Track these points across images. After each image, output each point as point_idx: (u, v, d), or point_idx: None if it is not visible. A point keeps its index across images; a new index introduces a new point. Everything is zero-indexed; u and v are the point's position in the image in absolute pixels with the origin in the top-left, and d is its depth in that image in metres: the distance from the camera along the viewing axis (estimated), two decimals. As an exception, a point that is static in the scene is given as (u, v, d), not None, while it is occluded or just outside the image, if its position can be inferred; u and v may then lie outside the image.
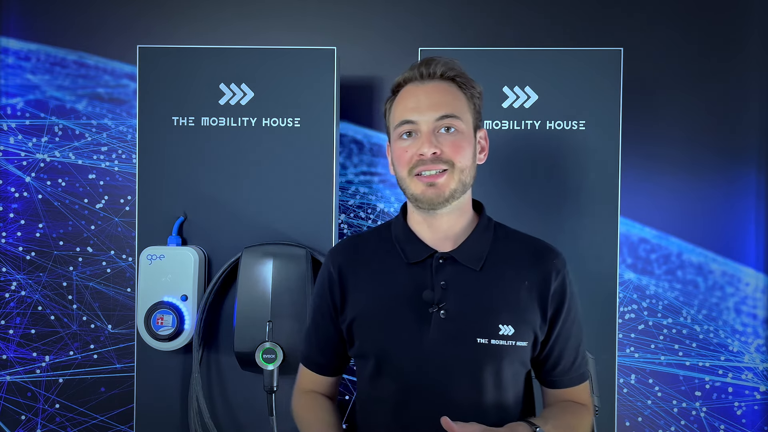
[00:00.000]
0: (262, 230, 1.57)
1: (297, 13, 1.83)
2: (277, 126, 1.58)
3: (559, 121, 1.56)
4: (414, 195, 1.03)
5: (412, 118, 1.02)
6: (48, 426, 1.83)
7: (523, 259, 1.08)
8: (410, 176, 1.03)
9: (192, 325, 1.54)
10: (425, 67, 1.04)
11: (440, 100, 1.03)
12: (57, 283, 1.83)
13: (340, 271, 1.10)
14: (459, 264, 1.05)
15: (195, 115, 1.58)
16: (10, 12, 1.84)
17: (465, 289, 1.03)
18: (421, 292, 1.03)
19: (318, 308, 1.14)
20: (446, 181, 1.01)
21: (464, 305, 1.02)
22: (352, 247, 1.14)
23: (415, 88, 1.05)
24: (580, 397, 1.11)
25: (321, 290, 1.13)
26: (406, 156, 1.03)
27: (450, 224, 1.07)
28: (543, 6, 1.81)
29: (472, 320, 1.02)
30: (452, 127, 1.02)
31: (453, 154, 1.01)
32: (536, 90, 1.56)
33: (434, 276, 1.04)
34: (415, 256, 1.06)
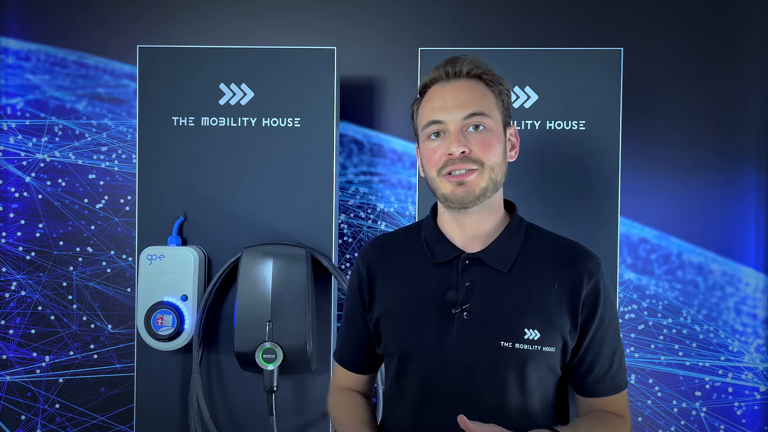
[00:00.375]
0: (262, 230, 1.57)
1: (297, 13, 1.83)
2: (277, 126, 1.58)
3: (559, 121, 1.56)
4: (444, 194, 1.02)
5: (440, 117, 1.01)
6: (48, 426, 1.83)
7: (554, 262, 1.05)
8: (440, 176, 1.02)
9: (192, 325, 1.54)
10: (451, 66, 1.03)
11: (467, 98, 1.01)
12: (57, 283, 1.83)
13: (369, 269, 1.11)
14: (486, 265, 1.03)
15: (195, 115, 1.58)
16: (10, 12, 1.84)
17: (490, 291, 1.01)
18: (446, 292, 1.02)
19: (349, 306, 1.16)
20: (476, 180, 1.00)
21: (489, 307, 1.00)
22: (382, 245, 1.15)
23: (441, 88, 1.04)
24: (615, 407, 1.06)
25: (352, 289, 1.15)
26: (435, 156, 1.02)
27: (480, 223, 1.05)
28: (543, 6, 1.81)
29: (496, 323, 1.00)
30: (480, 125, 1.01)
31: (482, 153, 1.00)
32: (536, 90, 1.56)
33: (459, 277, 1.03)
34: (442, 257, 1.05)
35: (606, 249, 1.55)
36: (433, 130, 1.03)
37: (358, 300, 1.13)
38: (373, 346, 1.13)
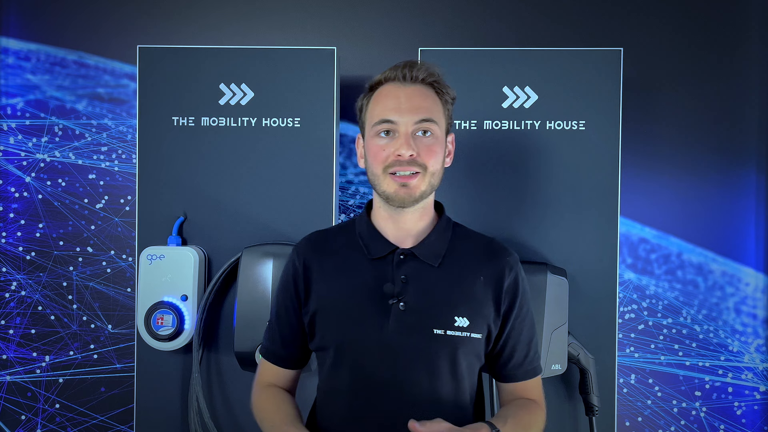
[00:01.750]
0: (262, 230, 1.57)
1: (297, 13, 1.83)
2: (277, 126, 1.58)
3: (559, 121, 1.56)
4: (386, 192, 1.07)
5: (393, 118, 1.06)
6: (48, 426, 1.83)
7: (478, 257, 1.13)
8: (384, 174, 1.07)
9: (192, 325, 1.54)
10: (408, 70, 1.08)
11: (420, 104, 1.07)
12: (57, 283, 1.83)
13: (305, 264, 1.14)
14: (419, 260, 1.10)
15: (195, 115, 1.58)
16: (10, 12, 1.84)
17: (424, 284, 1.08)
18: (382, 285, 1.08)
19: (282, 301, 1.17)
20: (418, 183, 1.06)
21: (422, 298, 1.07)
22: (318, 241, 1.18)
23: (396, 89, 1.08)
24: (532, 392, 1.16)
25: (286, 283, 1.16)
26: (382, 154, 1.07)
27: (414, 222, 1.12)
28: (543, 6, 1.81)
29: (429, 312, 1.07)
30: (428, 130, 1.07)
31: (427, 158, 1.06)
32: (536, 90, 1.56)
33: (395, 270, 1.09)
34: (377, 252, 1.11)
35: (606, 249, 1.55)
36: (384, 128, 1.07)
37: (293, 294, 1.14)
38: (305, 341, 1.16)
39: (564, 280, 1.49)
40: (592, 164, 1.56)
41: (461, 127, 1.57)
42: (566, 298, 1.49)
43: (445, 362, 1.07)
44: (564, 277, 1.50)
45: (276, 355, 1.18)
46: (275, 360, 1.18)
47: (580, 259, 1.55)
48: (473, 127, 1.57)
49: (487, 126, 1.58)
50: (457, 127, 1.57)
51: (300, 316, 1.15)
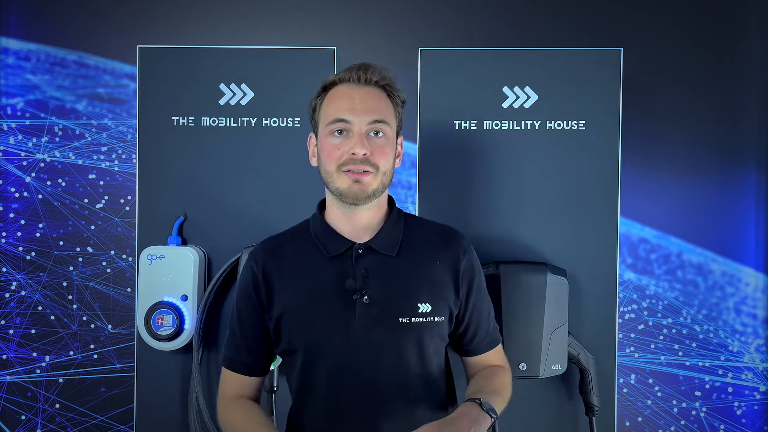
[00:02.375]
0: (262, 230, 1.57)
1: (297, 13, 1.83)
2: (277, 126, 1.58)
3: (559, 121, 1.56)
4: (339, 189, 1.10)
5: (347, 117, 1.09)
6: (48, 426, 1.83)
7: (433, 243, 1.18)
8: (338, 171, 1.10)
9: (192, 325, 1.54)
10: (363, 72, 1.11)
11: (374, 105, 1.10)
12: (57, 283, 1.83)
13: (264, 270, 1.15)
14: (377, 252, 1.14)
15: (195, 115, 1.58)
16: (10, 12, 1.84)
17: (384, 275, 1.12)
18: (344, 282, 1.11)
19: (244, 309, 1.17)
20: (370, 181, 1.10)
21: (385, 290, 1.11)
22: (273, 247, 1.20)
23: (350, 90, 1.11)
24: (495, 359, 1.24)
25: (246, 291, 1.17)
26: (337, 153, 1.10)
27: (369, 218, 1.15)
28: (543, 6, 1.81)
29: (393, 303, 1.11)
30: (381, 131, 1.11)
31: (379, 158, 1.10)
32: (536, 90, 1.56)
33: (355, 265, 1.12)
34: (335, 249, 1.14)
35: (606, 249, 1.55)
36: (338, 127, 1.10)
37: (255, 302, 1.15)
38: (269, 346, 1.18)
39: (564, 280, 1.50)
40: (592, 164, 1.56)
41: (461, 127, 1.57)
42: (566, 298, 1.49)
43: (413, 349, 1.12)
44: (564, 277, 1.50)
45: (241, 364, 1.18)
46: (241, 369, 1.18)
47: (580, 259, 1.55)
48: (473, 127, 1.57)
49: (487, 126, 1.58)
50: (457, 127, 1.57)
51: (264, 321, 1.16)
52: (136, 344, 1.58)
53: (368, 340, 1.09)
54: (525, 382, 1.54)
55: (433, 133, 1.56)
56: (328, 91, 1.15)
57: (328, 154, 1.11)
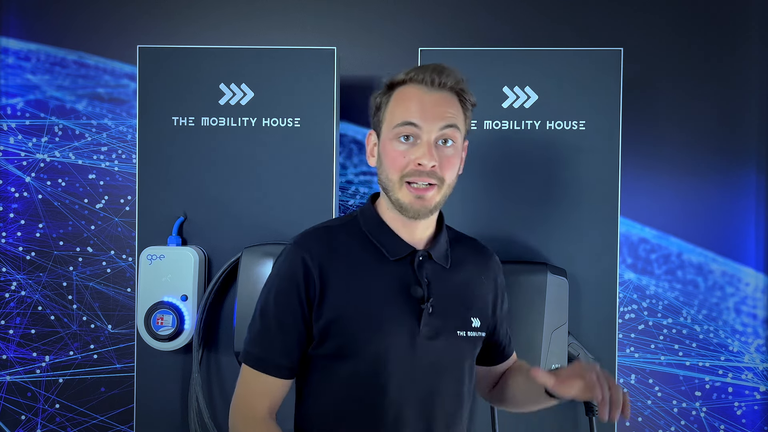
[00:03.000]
0: (262, 230, 1.57)
1: (297, 13, 1.83)
2: (277, 126, 1.58)
3: (559, 121, 1.56)
4: (400, 201, 1.03)
5: (417, 122, 1.01)
6: (48, 426, 1.83)
7: (475, 258, 1.16)
8: (401, 182, 1.02)
9: (192, 325, 1.54)
10: (437, 76, 1.03)
11: (446, 111, 1.03)
12: (57, 283, 1.83)
13: (319, 263, 1.04)
14: (433, 262, 1.09)
15: (195, 115, 1.58)
16: (10, 12, 1.84)
17: (443, 286, 1.08)
18: (405, 288, 1.04)
19: (287, 304, 1.04)
20: (434, 195, 1.03)
21: (445, 300, 1.06)
22: (325, 240, 1.08)
23: (421, 93, 1.03)
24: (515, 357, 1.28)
25: (292, 282, 1.04)
26: (402, 161, 1.02)
27: (424, 229, 1.09)
28: (543, 6, 1.81)
29: (452, 315, 1.07)
30: (450, 139, 1.03)
31: (445, 171, 1.03)
32: (536, 90, 1.56)
33: (417, 272, 1.06)
34: (397, 253, 1.06)
35: (606, 249, 1.55)
36: (406, 131, 1.02)
37: (303, 296, 1.03)
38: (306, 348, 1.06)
39: (564, 280, 1.49)
40: (592, 164, 1.56)
41: (461, 127, 1.58)
42: (566, 298, 1.49)
43: (467, 363, 1.09)
44: (564, 277, 1.50)
45: (275, 365, 1.04)
46: (274, 371, 1.04)
47: (580, 259, 1.55)
48: (473, 127, 1.57)
49: (487, 126, 1.58)
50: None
51: (309, 321, 1.04)
52: (136, 344, 1.58)
53: (431, 352, 1.04)
54: (525, 382, 1.54)
55: (433, 133, 1.56)
56: (394, 89, 1.06)
57: (393, 161, 1.03)
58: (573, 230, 1.56)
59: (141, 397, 1.59)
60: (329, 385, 1.05)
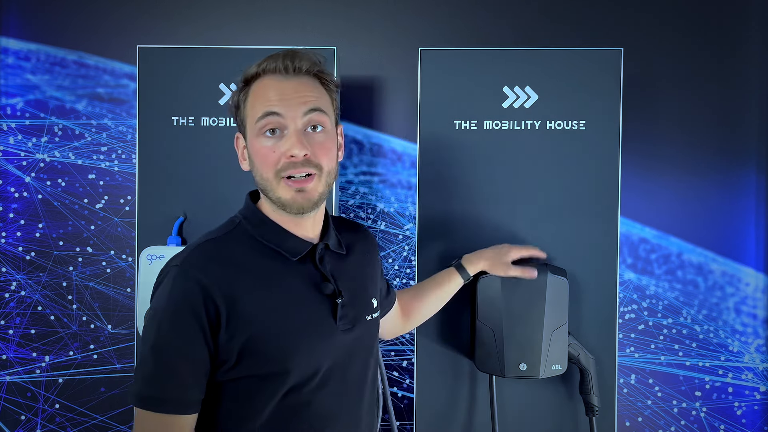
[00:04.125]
0: (262, 230, 1.57)
1: (297, 12, 1.83)
2: (277, 126, 1.58)
3: (559, 121, 1.56)
4: (281, 199, 0.98)
5: (278, 110, 0.95)
6: (48, 426, 1.83)
7: (355, 237, 1.16)
8: (277, 179, 0.97)
9: (192, 325, 1.54)
10: (290, 61, 0.98)
11: (308, 95, 0.98)
12: (57, 283, 1.83)
13: (218, 282, 0.94)
14: (331, 252, 1.07)
15: (195, 115, 1.58)
16: (10, 12, 1.84)
17: (345, 275, 1.07)
18: (315, 287, 1.01)
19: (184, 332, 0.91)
20: (315, 186, 0.98)
21: (350, 289, 1.06)
22: (215, 254, 0.98)
23: (278, 83, 0.98)
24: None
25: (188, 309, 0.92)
26: (273, 156, 0.96)
27: (316, 223, 1.06)
28: (543, 6, 1.81)
29: (359, 302, 1.07)
30: (319, 124, 0.98)
31: (321, 157, 0.98)
32: (536, 90, 1.56)
33: (321, 267, 1.03)
34: (297, 252, 1.01)
35: (606, 249, 1.55)
36: (270, 123, 0.96)
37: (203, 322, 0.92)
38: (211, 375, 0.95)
39: (564, 280, 1.49)
40: (592, 164, 1.56)
41: (461, 127, 1.57)
42: (566, 298, 1.49)
43: (375, 344, 1.12)
44: (564, 277, 1.50)
45: (185, 402, 0.92)
46: (183, 408, 0.92)
47: (580, 259, 1.55)
48: (473, 127, 1.57)
49: (487, 126, 1.58)
50: (457, 127, 1.57)
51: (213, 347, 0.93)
52: (136, 344, 1.58)
53: (349, 344, 1.03)
54: (525, 382, 1.54)
55: (433, 133, 1.56)
56: (250, 84, 1.00)
57: (263, 159, 0.97)
58: (573, 230, 1.56)
59: (141, 397, 1.59)
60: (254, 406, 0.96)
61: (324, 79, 1.02)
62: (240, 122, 1.04)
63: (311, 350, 0.98)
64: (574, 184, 1.55)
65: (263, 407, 0.96)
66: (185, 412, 0.93)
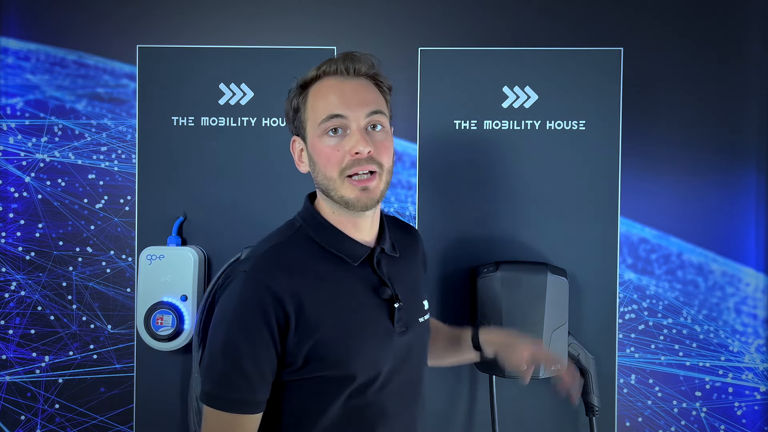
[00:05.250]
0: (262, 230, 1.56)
1: (297, 13, 1.83)
2: (276, 126, 1.58)
3: (559, 121, 1.56)
4: (345, 198, 1.00)
5: (342, 112, 0.98)
6: (48, 426, 1.83)
7: (406, 239, 1.18)
8: (341, 178, 0.99)
9: (192, 325, 1.54)
10: (350, 63, 1.02)
11: (367, 96, 1.01)
12: (57, 283, 1.83)
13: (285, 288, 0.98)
14: (386, 255, 1.09)
15: (195, 115, 1.58)
16: (10, 12, 1.84)
17: (400, 278, 1.09)
18: (374, 290, 1.04)
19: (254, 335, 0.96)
20: (377, 184, 1.01)
21: (405, 292, 1.08)
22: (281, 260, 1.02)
23: (338, 84, 1.01)
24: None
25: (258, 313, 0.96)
26: (337, 155, 0.99)
27: (374, 223, 1.09)
28: (543, 6, 1.81)
29: (412, 304, 1.10)
30: (379, 124, 1.01)
31: (382, 155, 1.01)
32: (536, 90, 1.56)
33: (379, 271, 1.06)
34: (357, 257, 1.04)
35: (606, 249, 1.55)
36: (333, 125, 0.99)
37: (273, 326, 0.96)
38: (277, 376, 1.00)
39: (564, 280, 1.49)
40: (592, 164, 1.56)
41: (461, 127, 1.57)
42: (566, 298, 1.49)
43: (427, 345, 1.15)
44: (564, 277, 1.50)
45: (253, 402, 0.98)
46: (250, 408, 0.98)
47: (580, 259, 1.55)
48: (473, 127, 1.57)
49: (487, 126, 1.58)
50: (457, 127, 1.57)
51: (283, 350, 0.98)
52: (136, 344, 1.57)
53: (404, 344, 1.06)
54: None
55: (433, 133, 1.56)
56: (309, 87, 1.04)
57: (327, 158, 0.99)
58: (573, 230, 1.56)
59: (141, 398, 1.59)
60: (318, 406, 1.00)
61: (379, 81, 1.06)
62: (298, 125, 1.06)
63: (372, 354, 1.01)
64: (574, 185, 1.55)
65: (327, 407, 0.99)
66: (252, 411, 0.98)
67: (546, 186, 1.55)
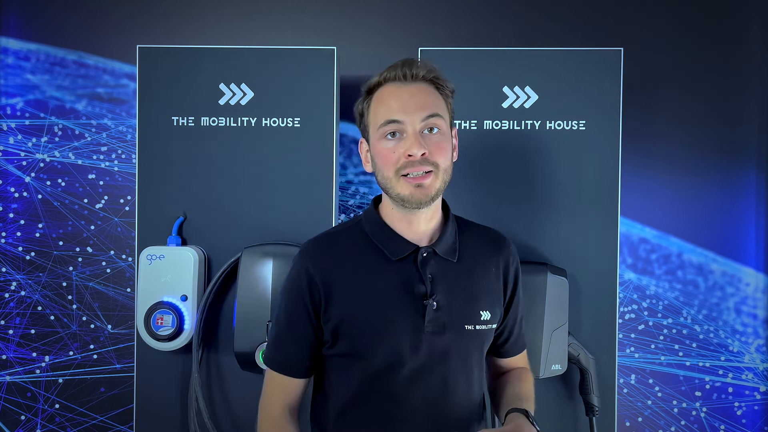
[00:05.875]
0: (262, 230, 1.57)
1: (297, 13, 1.83)
2: (277, 126, 1.58)
3: (559, 121, 1.56)
4: (401, 195, 1.06)
5: (399, 117, 1.05)
6: (48, 426, 1.83)
7: (486, 248, 1.17)
8: (397, 177, 1.06)
9: (192, 325, 1.54)
10: (408, 69, 1.07)
11: (424, 100, 1.06)
12: (57, 283, 1.83)
13: (321, 271, 1.10)
14: (439, 257, 1.11)
15: (195, 115, 1.58)
16: (10, 12, 1.84)
17: (449, 281, 1.10)
18: (409, 286, 1.08)
19: (295, 310, 1.12)
20: (432, 182, 1.06)
21: (450, 295, 1.09)
22: (327, 246, 1.14)
23: (397, 89, 1.07)
24: (522, 361, 1.27)
25: (297, 292, 1.11)
26: (393, 156, 1.06)
27: (427, 221, 1.12)
28: (543, 6, 1.81)
29: (459, 309, 1.09)
30: (435, 127, 1.06)
31: (437, 156, 1.06)
32: (536, 90, 1.56)
33: (421, 270, 1.09)
34: (398, 252, 1.10)
35: (606, 249, 1.55)
36: (390, 129, 1.06)
37: (308, 304, 1.10)
38: (318, 348, 1.13)
39: (564, 280, 1.49)
40: (592, 164, 1.56)
41: (461, 127, 1.57)
42: (566, 298, 1.49)
43: (475, 356, 1.12)
44: (564, 277, 1.50)
45: (290, 366, 1.13)
46: (290, 371, 1.13)
47: (580, 259, 1.55)
48: (473, 127, 1.57)
49: (487, 126, 1.58)
50: (458, 127, 1.57)
51: (317, 323, 1.11)
52: (136, 344, 1.57)
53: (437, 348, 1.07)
54: (525, 382, 1.54)
55: (433, 133, 1.56)
56: (373, 93, 1.11)
57: (385, 159, 1.06)
58: (573, 230, 1.56)
59: (141, 398, 1.59)
60: (343, 382, 1.11)
61: (439, 84, 1.10)
62: (364, 128, 1.14)
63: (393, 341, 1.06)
64: (574, 184, 1.55)
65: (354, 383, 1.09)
66: (291, 374, 1.13)
67: (546, 186, 1.55)
